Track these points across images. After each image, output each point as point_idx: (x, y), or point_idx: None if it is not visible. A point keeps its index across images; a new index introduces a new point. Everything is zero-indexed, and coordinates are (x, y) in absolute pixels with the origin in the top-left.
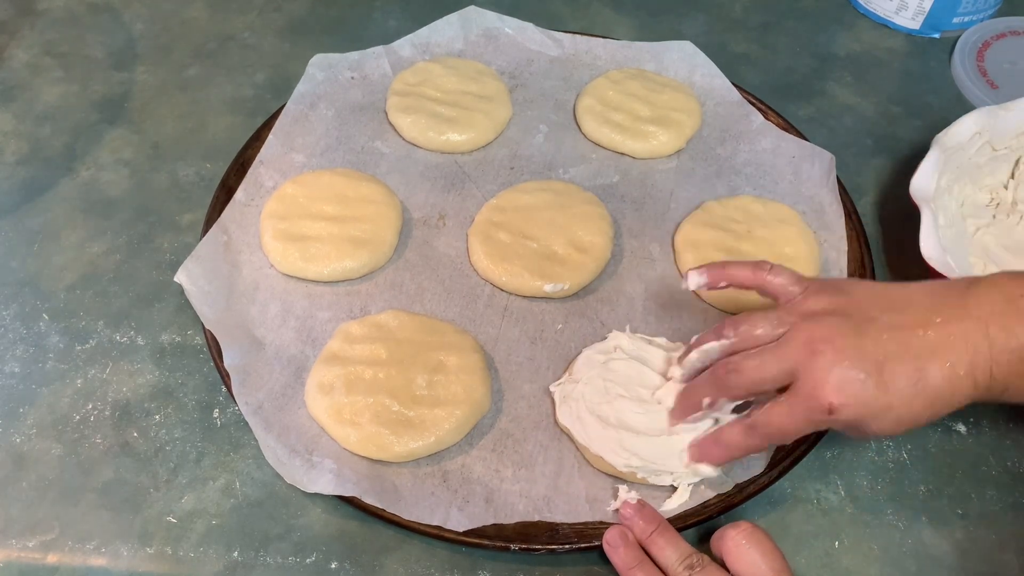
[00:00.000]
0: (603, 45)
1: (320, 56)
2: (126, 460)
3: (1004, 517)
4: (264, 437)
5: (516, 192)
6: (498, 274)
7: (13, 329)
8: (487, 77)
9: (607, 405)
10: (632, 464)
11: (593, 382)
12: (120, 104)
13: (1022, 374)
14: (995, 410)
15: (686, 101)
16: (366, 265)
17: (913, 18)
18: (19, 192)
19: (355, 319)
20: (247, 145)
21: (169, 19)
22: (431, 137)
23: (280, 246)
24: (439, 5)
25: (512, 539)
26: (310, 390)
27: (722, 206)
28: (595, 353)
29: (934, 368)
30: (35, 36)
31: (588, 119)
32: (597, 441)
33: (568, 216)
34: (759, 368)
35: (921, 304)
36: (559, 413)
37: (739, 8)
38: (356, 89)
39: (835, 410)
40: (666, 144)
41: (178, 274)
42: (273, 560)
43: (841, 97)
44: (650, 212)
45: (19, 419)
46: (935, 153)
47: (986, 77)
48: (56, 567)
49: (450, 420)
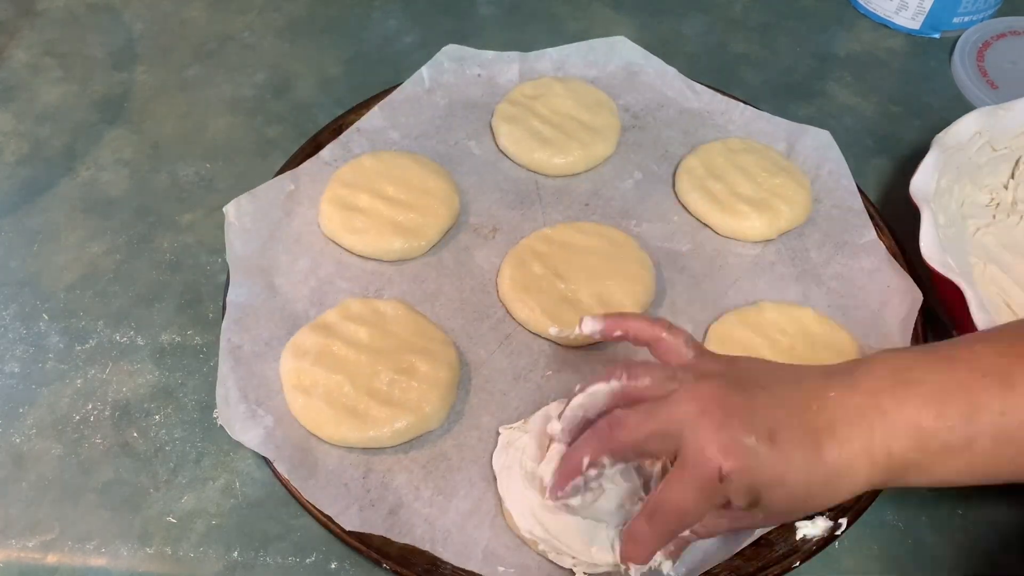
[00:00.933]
0: (741, 111)
1: (454, 47)
2: (126, 460)
3: (1004, 517)
4: (226, 375)
5: (572, 229)
6: (513, 301)
7: (13, 329)
8: (604, 109)
9: (540, 466)
10: (535, 533)
11: (539, 439)
12: (120, 104)
13: (920, 448)
14: None
15: (796, 192)
16: (398, 252)
17: (913, 18)
18: (19, 192)
19: (366, 298)
20: (351, 110)
21: (169, 19)
22: (521, 151)
23: (330, 209)
24: (440, 5)
25: (390, 556)
26: (287, 348)
27: (778, 310)
28: (553, 409)
29: (829, 442)
30: (35, 36)
31: (684, 179)
32: (513, 497)
33: (610, 269)
34: (643, 422)
35: (813, 379)
36: (495, 456)
37: (739, 8)
38: (477, 87)
39: (725, 475)
40: (755, 229)
41: (228, 205)
42: (273, 560)
43: (841, 97)
44: (703, 293)
45: (19, 419)
46: (935, 153)
47: (986, 77)
48: (56, 567)
49: (391, 424)
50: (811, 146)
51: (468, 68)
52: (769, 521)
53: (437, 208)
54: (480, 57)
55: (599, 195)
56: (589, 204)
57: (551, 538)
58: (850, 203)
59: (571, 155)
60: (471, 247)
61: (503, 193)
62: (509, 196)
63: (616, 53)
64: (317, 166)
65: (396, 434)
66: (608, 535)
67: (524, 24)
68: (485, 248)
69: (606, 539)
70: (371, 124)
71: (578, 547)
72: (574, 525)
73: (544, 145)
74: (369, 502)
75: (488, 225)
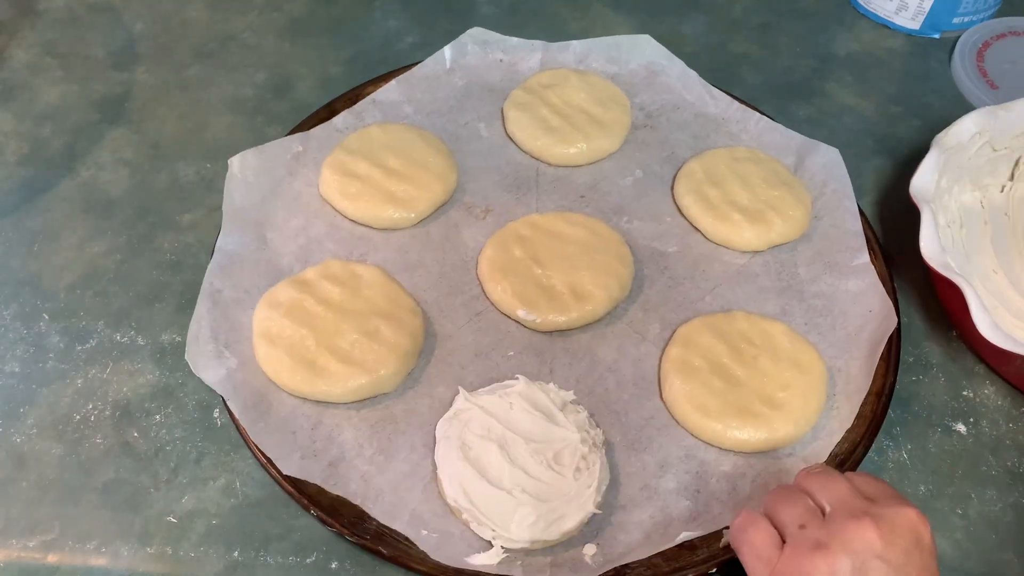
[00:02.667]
0: (756, 120)
1: (479, 30)
2: (126, 460)
3: (1004, 517)
4: (201, 315)
5: (560, 218)
6: (487, 280)
7: (13, 329)
8: (616, 105)
9: (478, 440)
10: (460, 503)
11: (483, 417)
12: (120, 104)
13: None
14: (995, 410)
15: (793, 206)
16: (388, 221)
17: (913, 18)
18: (19, 192)
19: (348, 261)
20: (369, 82)
21: (169, 19)
22: (526, 137)
23: (329, 173)
24: (440, 5)
25: (320, 505)
26: (263, 298)
27: (749, 321)
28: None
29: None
30: (35, 36)
31: (682, 182)
32: (446, 465)
33: (588, 259)
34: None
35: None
36: (440, 423)
37: (739, 8)
38: (497, 71)
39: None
40: (744, 238)
41: (233, 158)
42: (273, 560)
43: (841, 97)
44: (680, 294)
45: (19, 419)
46: (935, 153)
47: (986, 77)
48: (56, 567)
49: (345, 382)
50: (819, 163)
51: (491, 52)
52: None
53: (432, 183)
54: (505, 43)
55: (596, 188)
56: (585, 196)
57: (474, 508)
58: (849, 224)
59: (574, 146)
60: (460, 224)
61: (502, 176)
62: (508, 180)
63: (640, 51)
64: (328, 131)
65: (348, 392)
66: (528, 513)
67: (524, 24)
68: (474, 227)
69: (525, 516)
70: (387, 96)
71: (499, 521)
72: (497, 500)
73: (549, 133)
74: (312, 452)
75: (481, 205)
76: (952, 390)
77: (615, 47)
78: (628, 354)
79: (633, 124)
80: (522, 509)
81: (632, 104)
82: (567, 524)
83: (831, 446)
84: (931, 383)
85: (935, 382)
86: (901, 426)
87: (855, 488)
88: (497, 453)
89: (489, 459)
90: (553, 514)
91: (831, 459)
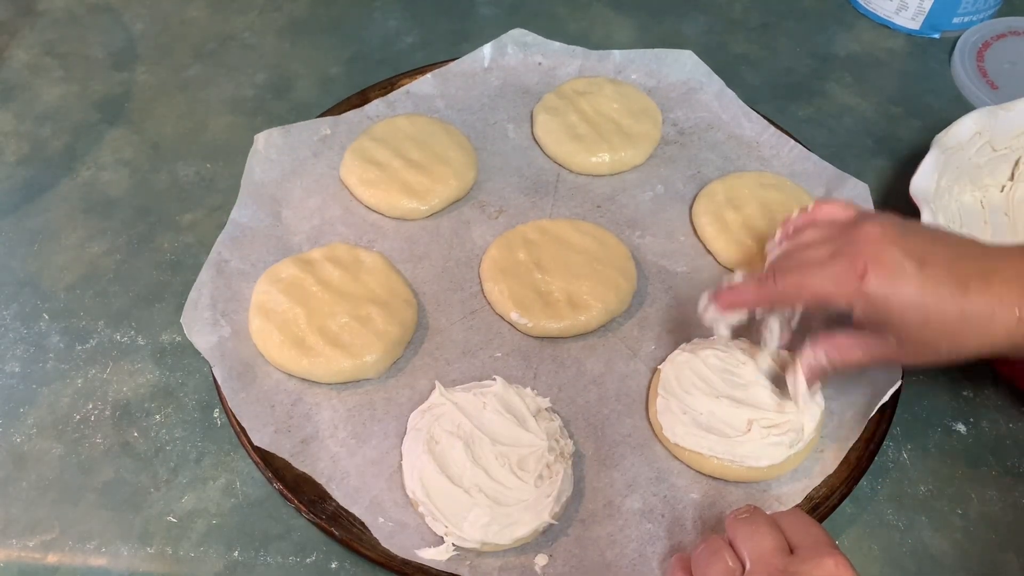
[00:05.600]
0: (790, 148)
1: (521, 31)
2: (126, 460)
3: (1004, 517)
4: (203, 282)
5: (571, 226)
6: (486, 280)
7: (13, 329)
8: (647, 118)
9: (446, 435)
10: (417, 495)
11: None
12: (120, 104)
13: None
14: (995, 410)
15: None
16: (400, 211)
17: (913, 18)
18: (19, 192)
19: (355, 245)
20: (405, 73)
21: (169, 19)
22: (551, 141)
23: (351, 158)
24: (440, 5)
25: (283, 480)
26: (266, 273)
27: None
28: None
29: (978, 286)
30: (35, 36)
31: (701, 202)
32: (410, 455)
33: (591, 271)
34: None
35: (976, 244)
36: (413, 414)
37: (739, 8)
38: (534, 74)
39: (865, 274)
40: (757, 268)
41: (259, 135)
42: (273, 560)
43: (841, 97)
44: (679, 316)
45: (19, 419)
46: (935, 153)
47: (986, 77)
48: (56, 567)
49: (330, 364)
50: (847, 196)
51: (531, 55)
52: (901, 353)
53: (449, 178)
54: (546, 47)
55: (614, 200)
56: (601, 206)
57: (430, 503)
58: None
59: (598, 155)
60: (472, 222)
61: (522, 179)
62: (527, 183)
63: (680, 66)
64: (359, 117)
65: (331, 373)
66: (482, 514)
67: (524, 24)
68: (485, 226)
69: (479, 517)
70: (421, 89)
71: (452, 518)
72: (453, 497)
73: (575, 140)
74: (287, 427)
75: (496, 205)
76: (952, 390)
77: (656, 60)
78: (616, 369)
79: (664, 139)
80: (477, 509)
81: (666, 119)
82: (520, 530)
83: (808, 488)
84: (931, 383)
85: (935, 382)
86: (901, 426)
87: (779, 538)
88: (462, 451)
89: (453, 455)
90: (508, 519)
91: (806, 502)
